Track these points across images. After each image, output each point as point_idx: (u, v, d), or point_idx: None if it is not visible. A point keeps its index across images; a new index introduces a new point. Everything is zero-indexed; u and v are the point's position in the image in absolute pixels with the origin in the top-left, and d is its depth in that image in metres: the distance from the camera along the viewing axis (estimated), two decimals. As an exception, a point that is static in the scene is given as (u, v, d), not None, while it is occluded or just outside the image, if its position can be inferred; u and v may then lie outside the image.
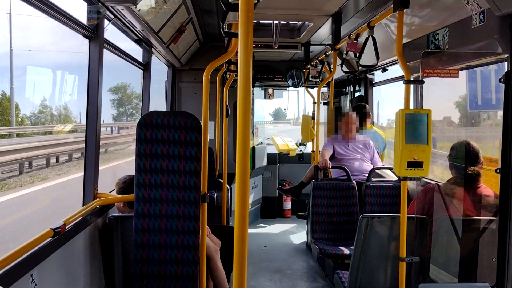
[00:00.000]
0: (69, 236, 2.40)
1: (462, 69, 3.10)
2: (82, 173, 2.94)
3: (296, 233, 6.50)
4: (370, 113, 5.47)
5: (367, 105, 5.47)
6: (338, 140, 5.03)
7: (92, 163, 2.90)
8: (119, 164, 14.38)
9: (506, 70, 2.36)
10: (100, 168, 3.01)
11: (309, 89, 6.93)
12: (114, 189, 3.50)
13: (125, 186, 3.15)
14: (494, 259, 2.45)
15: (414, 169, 2.60)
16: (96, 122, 2.88)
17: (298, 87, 7.19)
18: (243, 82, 1.22)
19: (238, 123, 1.22)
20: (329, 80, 5.17)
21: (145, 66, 4.37)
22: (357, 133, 5.04)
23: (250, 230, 6.62)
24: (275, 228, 6.88)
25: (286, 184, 7.27)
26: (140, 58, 4.31)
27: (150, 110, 4.48)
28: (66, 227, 2.33)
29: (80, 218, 2.58)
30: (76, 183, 8.32)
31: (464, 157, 3.03)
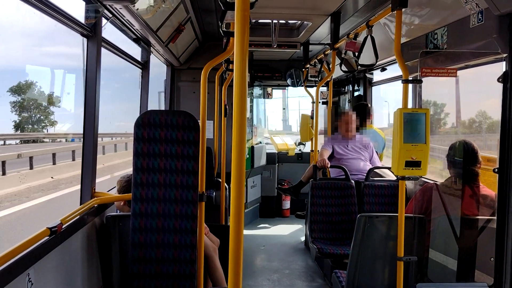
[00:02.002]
0: (66, 235, 2.39)
1: (460, 68, 3.09)
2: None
3: (295, 233, 6.50)
4: (371, 113, 5.46)
5: (369, 104, 5.46)
6: (337, 139, 5.02)
7: (90, 162, 2.89)
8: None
9: (504, 69, 2.36)
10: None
11: (308, 89, 6.93)
12: (112, 188, 3.50)
13: (127, 185, 3.14)
14: (492, 259, 2.45)
15: (412, 169, 2.59)
16: (93, 121, 2.87)
17: (297, 86, 7.19)
18: (239, 81, 1.22)
19: (234, 120, 1.22)
20: (328, 79, 5.17)
21: (144, 65, 4.36)
22: (357, 132, 5.03)
23: (249, 230, 6.62)
24: (274, 227, 6.88)
25: (285, 184, 7.27)
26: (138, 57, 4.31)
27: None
28: (63, 226, 2.33)
29: (77, 217, 2.58)
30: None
31: (463, 157, 3.02)
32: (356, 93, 6.37)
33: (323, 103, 6.35)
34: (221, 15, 2.44)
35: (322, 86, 6.14)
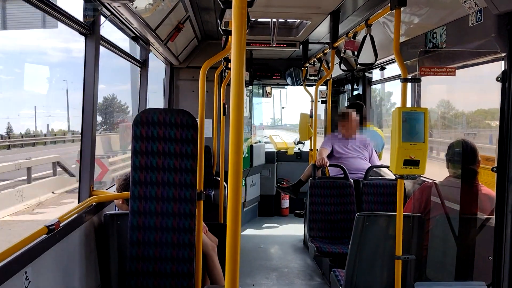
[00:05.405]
0: (64, 234, 2.39)
1: (459, 67, 3.09)
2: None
3: (294, 232, 6.50)
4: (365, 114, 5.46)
5: (364, 104, 5.47)
6: (337, 138, 5.02)
7: (88, 161, 2.89)
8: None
9: (503, 68, 2.35)
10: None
11: (307, 88, 6.93)
12: (110, 186, 3.50)
13: (126, 183, 3.13)
14: (490, 258, 2.45)
15: (411, 168, 2.59)
16: (92, 119, 2.87)
17: (297, 85, 7.19)
18: (236, 79, 1.21)
19: (231, 118, 1.22)
20: (327, 78, 5.16)
21: (143, 64, 4.35)
22: (357, 132, 5.03)
23: (247, 229, 6.62)
24: (273, 226, 6.88)
25: (284, 183, 7.27)
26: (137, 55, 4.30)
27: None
28: (61, 224, 2.33)
29: (75, 215, 2.57)
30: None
31: (461, 156, 3.02)
32: (355, 92, 6.37)
33: (322, 102, 6.35)
34: (220, 14, 2.43)
35: (321, 85, 6.14)
